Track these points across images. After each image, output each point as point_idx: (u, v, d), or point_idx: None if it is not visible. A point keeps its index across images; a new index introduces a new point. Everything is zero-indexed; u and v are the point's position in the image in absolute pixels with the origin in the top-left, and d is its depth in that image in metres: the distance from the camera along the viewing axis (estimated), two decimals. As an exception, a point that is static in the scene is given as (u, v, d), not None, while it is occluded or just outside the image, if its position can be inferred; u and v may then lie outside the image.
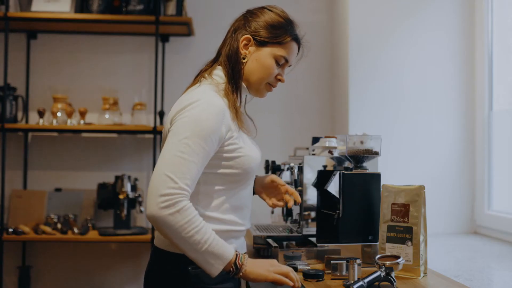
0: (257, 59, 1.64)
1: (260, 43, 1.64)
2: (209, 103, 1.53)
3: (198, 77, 1.69)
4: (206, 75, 1.66)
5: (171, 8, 3.25)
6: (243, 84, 1.67)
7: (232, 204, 1.62)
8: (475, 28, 3.02)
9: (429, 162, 2.99)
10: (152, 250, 1.68)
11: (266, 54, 1.64)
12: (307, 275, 1.70)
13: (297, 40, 1.69)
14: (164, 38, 3.48)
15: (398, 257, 1.63)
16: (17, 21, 3.24)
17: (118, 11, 3.29)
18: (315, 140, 2.42)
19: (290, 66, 1.71)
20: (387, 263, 1.56)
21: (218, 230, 1.56)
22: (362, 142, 1.91)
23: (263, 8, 1.69)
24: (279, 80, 1.70)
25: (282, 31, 1.65)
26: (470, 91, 3.02)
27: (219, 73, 1.66)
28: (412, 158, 2.99)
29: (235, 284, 1.68)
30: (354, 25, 3.02)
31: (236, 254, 1.51)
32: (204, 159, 1.51)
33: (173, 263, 1.58)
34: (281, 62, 1.67)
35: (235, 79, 1.64)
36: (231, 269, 1.49)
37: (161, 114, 3.30)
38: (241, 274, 1.51)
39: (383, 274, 1.59)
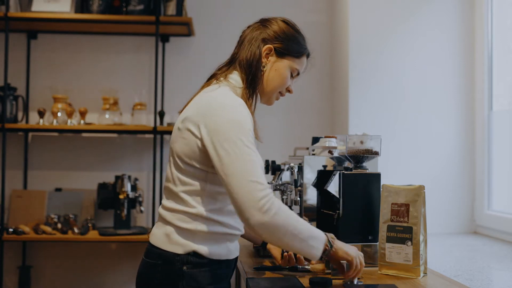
0: (276, 69, 1.71)
1: (281, 54, 1.71)
2: (240, 104, 1.58)
3: (212, 79, 1.72)
4: (222, 78, 1.69)
5: (171, 8, 3.25)
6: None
7: (231, 208, 1.61)
8: (475, 28, 3.02)
9: (429, 162, 3.00)
10: (147, 248, 1.66)
11: (285, 65, 1.72)
12: (314, 283, 1.64)
13: (308, 55, 1.79)
14: (164, 38, 3.48)
15: None
16: (17, 21, 3.23)
17: (118, 11, 3.29)
18: (315, 140, 2.42)
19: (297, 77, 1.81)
20: None
21: (217, 233, 1.58)
22: (362, 142, 1.91)
23: (277, 19, 1.74)
24: (288, 91, 1.80)
25: (300, 46, 1.74)
26: (470, 91, 3.03)
27: (235, 78, 1.68)
28: (412, 158, 2.99)
29: (228, 285, 1.67)
30: (354, 25, 3.02)
31: (325, 233, 1.59)
32: None
33: (168, 262, 1.57)
34: (294, 74, 1.76)
35: (254, 86, 1.68)
36: (326, 247, 1.57)
37: (161, 114, 3.29)
38: (332, 252, 1.58)
39: None
